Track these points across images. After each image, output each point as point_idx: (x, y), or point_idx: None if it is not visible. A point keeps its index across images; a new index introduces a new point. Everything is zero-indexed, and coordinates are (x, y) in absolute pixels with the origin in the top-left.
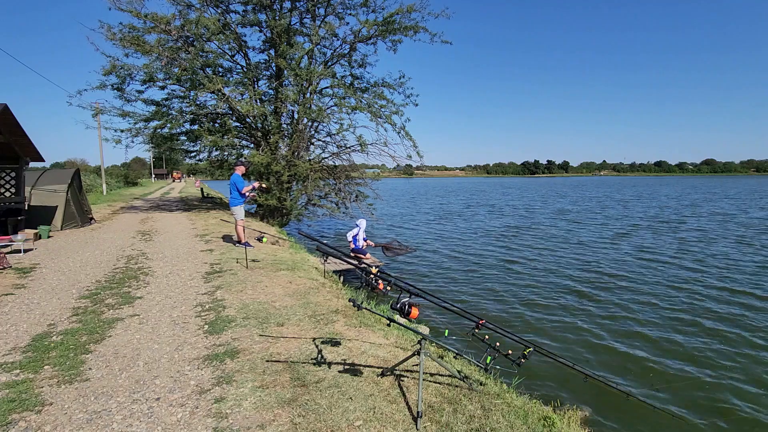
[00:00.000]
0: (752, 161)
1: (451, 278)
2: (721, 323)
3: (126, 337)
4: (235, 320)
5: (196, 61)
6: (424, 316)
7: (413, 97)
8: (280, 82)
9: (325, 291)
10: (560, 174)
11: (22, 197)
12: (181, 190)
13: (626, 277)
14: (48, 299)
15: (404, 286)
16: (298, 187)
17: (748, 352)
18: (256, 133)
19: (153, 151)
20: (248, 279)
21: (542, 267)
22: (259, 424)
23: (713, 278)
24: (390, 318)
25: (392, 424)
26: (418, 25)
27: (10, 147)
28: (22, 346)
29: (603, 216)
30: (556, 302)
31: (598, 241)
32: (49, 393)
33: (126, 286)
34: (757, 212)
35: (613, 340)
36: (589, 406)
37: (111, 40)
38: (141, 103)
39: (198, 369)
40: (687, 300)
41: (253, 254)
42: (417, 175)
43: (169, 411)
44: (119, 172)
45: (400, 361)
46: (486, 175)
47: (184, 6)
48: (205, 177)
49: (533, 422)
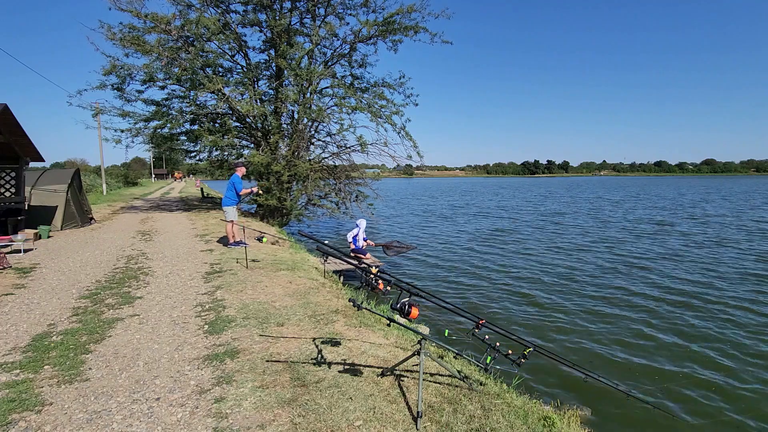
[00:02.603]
0: (752, 161)
1: (451, 278)
2: (721, 323)
3: (126, 337)
4: (235, 320)
5: (196, 61)
6: (424, 316)
7: (413, 97)
8: (280, 82)
9: (325, 291)
10: (560, 174)
11: (22, 197)
12: (181, 190)
13: (626, 277)
14: (48, 299)
15: (404, 286)
16: (298, 187)
17: (749, 352)
18: (256, 133)
19: (153, 151)
20: (248, 279)
21: (542, 267)
22: (259, 424)
23: (713, 278)
24: (390, 318)
25: (392, 424)
26: (419, 26)
27: (10, 147)
28: (22, 346)
29: (603, 216)
30: (556, 302)
31: (598, 241)
32: (49, 393)
33: (126, 286)
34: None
35: (614, 340)
36: (589, 406)
37: (111, 40)
38: (141, 103)
39: (198, 369)
40: (687, 300)
41: (253, 254)
42: (417, 175)
43: (169, 411)
44: (119, 172)
45: (400, 361)
46: (486, 175)
47: (184, 6)
48: (205, 177)
49: (533, 422)
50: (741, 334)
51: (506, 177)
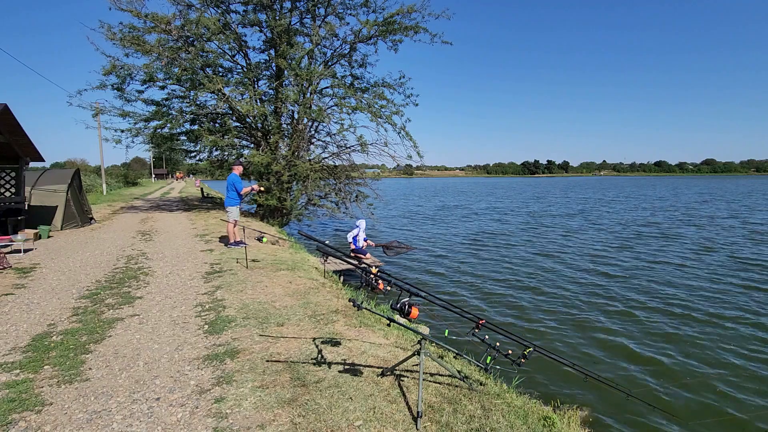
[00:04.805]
0: (752, 161)
1: (451, 278)
2: (721, 323)
3: (126, 337)
4: (235, 320)
5: (196, 61)
6: (424, 316)
7: (413, 97)
8: (280, 82)
9: (325, 291)
10: (560, 174)
11: (22, 197)
12: (181, 190)
13: (626, 277)
14: (48, 299)
15: (404, 286)
16: (298, 187)
17: (749, 352)
18: (256, 133)
19: (153, 151)
20: (248, 279)
21: (542, 267)
22: (259, 424)
23: (714, 278)
24: (390, 318)
25: (392, 424)
26: (419, 26)
27: (10, 147)
28: (22, 346)
29: (602, 217)
30: (556, 302)
31: (598, 242)
32: (49, 393)
33: (126, 286)
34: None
35: (613, 340)
36: (589, 406)
37: (111, 40)
38: (141, 103)
39: (198, 369)
40: (687, 299)
41: (253, 254)
42: (417, 175)
43: (169, 411)
44: (119, 172)
45: (400, 361)
46: (486, 175)
47: (184, 6)
48: (205, 177)
49: (533, 422)
50: (741, 335)
51: (506, 177)
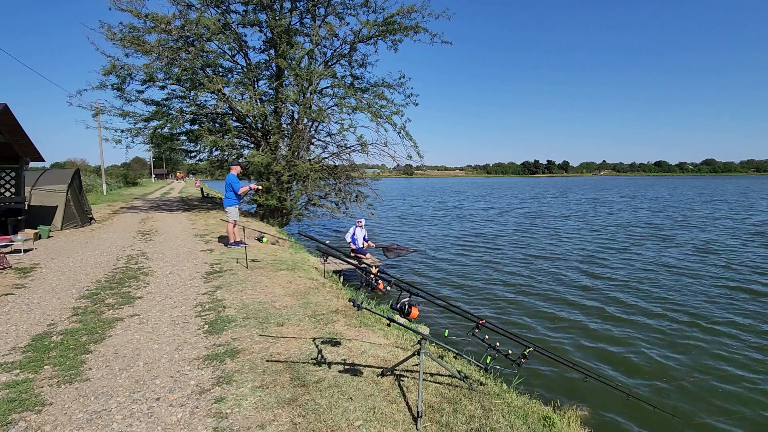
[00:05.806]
0: (752, 161)
1: (451, 278)
2: (721, 323)
3: (126, 337)
4: (235, 320)
5: (196, 61)
6: (424, 316)
7: (413, 97)
8: (280, 82)
9: (325, 291)
10: (560, 174)
11: (22, 197)
12: (181, 190)
13: (626, 277)
14: (48, 299)
15: (404, 286)
16: (298, 187)
17: (749, 352)
18: (256, 133)
19: (153, 151)
20: (248, 279)
21: (542, 268)
22: (259, 424)
23: (714, 278)
24: (390, 318)
25: (392, 424)
26: (419, 26)
27: (10, 147)
28: (22, 346)
29: (602, 217)
30: (556, 302)
31: (598, 242)
32: (49, 393)
33: (126, 286)
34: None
35: (613, 340)
36: (589, 406)
37: (111, 40)
38: (141, 103)
39: (198, 369)
40: (687, 299)
41: (253, 254)
42: (417, 175)
43: (169, 411)
44: (119, 172)
45: (400, 361)
46: (486, 175)
47: (184, 6)
48: (205, 177)
49: (533, 422)
50: (742, 334)
51: (506, 177)
